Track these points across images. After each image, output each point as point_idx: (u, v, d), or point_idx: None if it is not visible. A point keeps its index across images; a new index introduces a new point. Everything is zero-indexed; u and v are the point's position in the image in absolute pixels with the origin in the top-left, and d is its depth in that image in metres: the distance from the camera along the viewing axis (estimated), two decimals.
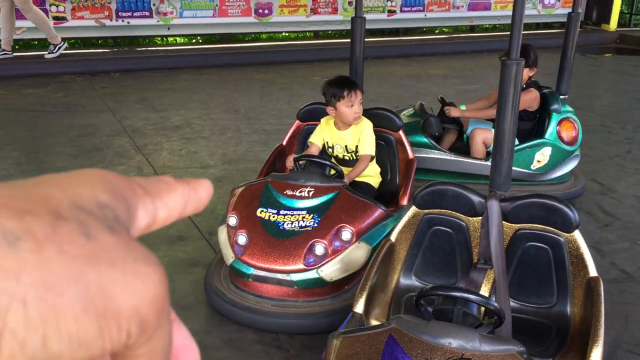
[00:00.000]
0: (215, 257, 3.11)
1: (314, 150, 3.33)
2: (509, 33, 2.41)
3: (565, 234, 2.30)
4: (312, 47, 9.37)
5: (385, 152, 3.52)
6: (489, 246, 2.31)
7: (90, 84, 7.27)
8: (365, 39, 3.66)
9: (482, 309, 2.08)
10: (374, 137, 3.30)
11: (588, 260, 2.28)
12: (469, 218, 2.45)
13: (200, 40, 9.59)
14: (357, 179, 3.27)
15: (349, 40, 3.66)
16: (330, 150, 3.36)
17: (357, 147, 3.29)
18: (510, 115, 2.41)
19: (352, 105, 3.18)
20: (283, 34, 10.02)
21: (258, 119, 5.98)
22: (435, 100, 6.77)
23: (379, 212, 2.91)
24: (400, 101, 6.64)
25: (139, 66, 8.12)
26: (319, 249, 2.70)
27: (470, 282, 2.36)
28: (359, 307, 2.16)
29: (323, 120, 3.37)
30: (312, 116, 3.60)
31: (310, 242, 2.70)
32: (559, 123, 4.27)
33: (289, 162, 3.26)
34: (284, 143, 3.66)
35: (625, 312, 2.91)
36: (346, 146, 3.31)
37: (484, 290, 2.41)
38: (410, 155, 3.47)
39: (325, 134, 3.34)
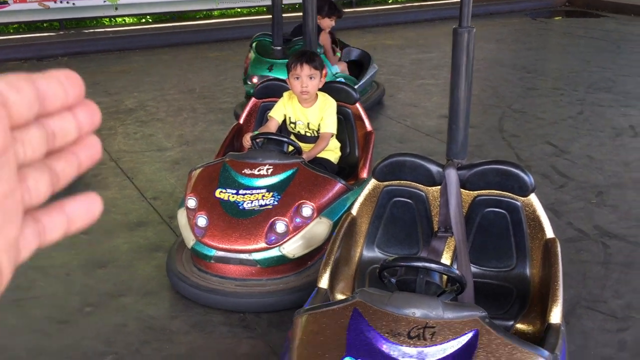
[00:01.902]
0: (177, 241, 3.07)
1: (272, 125, 3.27)
2: (459, 1, 2.40)
3: (522, 198, 2.34)
4: (266, 22, 9.22)
5: (344, 126, 3.50)
6: (449, 214, 2.34)
7: (37, 70, 6.97)
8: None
9: (444, 277, 2.11)
10: (335, 115, 3.28)
11: (545, 222, 2.32)
12: (428, 188, 2.46)
13: (150, 20, 9.33)
14: (317, 155, 3.25)
15: (301, 14, 3.61)
16: (292, 125, 3.32)
17: (319, 125, 3.27)
18: (464, 84, 2.42)
19: (297, 78, 3.14)
20: (236, 9, 9.83)
21: (214, 97, 5.88)
22: (392, 72, 6.78)
23: (338, 186, 2.92)
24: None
25: (88, 49, 7.86)
26: (280, 227, 2.69)
27: (432, 251, 2.39)
28: (324, 283, 2.16)
29: (286, 94, 3.31)
30: (268, 93, 3.55)
31: (271, 220, 2.69)
32: None
33: (246, 140, 3.22)
34: (241, 122, 3.61)
35: (583, 270, 3.00)
36: (308, 123, 3.28)
37: (446, 258, 2.44)
38: (369, 127, 3.46)
39: (287, 109, 3.29)
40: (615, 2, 10.59)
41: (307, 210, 2.75)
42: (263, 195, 2.77)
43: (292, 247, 2.71)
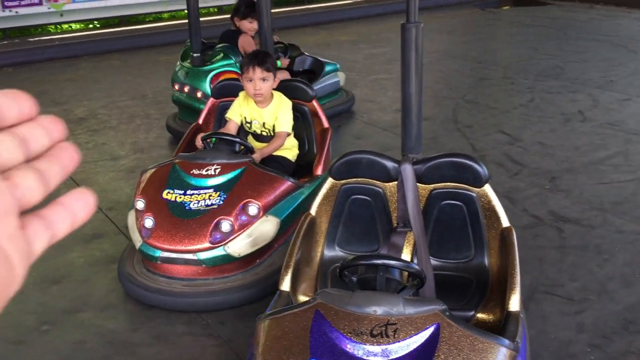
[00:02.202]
0: (129, 244, 3.05)
1: (231, 127, 3.26)
2: None
3: (477, 189, 2.37)
4: (216, 23, 9.13)
5: (301, 123, 3.51)
6: (407, 209, 2.35)
7: None
8: (272, 10, 3.62)
9: (405, 272, 2.12)
10: (291, 114, 3.28)
11: (500, 211, 2.36)
12: (385, 184, 2.47)
13: (98, 25, 9.13)
14: (274, 153, 3.25)
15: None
16: (248, 125, 3.31)
17: (274, 124, 3.26)
18: (415, 79, 2.43)
19: (250, 81, 3.13)
20: (185, 11, 9.69)
21: (167, 102, 5.77)
22: (347, 67, 6.80)
23: (287, 184, 2.94)
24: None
25: (34, 58, 7.63)
26: (225, 226, 2.71)
27: (392, 247, 2.40)
28: (285, 285, 2.15)
29: (241, 94, 3.30)
30: (226, 92, 3.54)
31: (215, 220, 2.71)
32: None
33: (198, 141, 3.22)
34: (200, 122, 3.60)
35: (540, 256, 3.06)
36: (264, 123, 3.27)
37: (406, 252, 2.46)
38: (325, 124, 3.47)
39: (243, 109, 3.28)
40: None
41: (253, 209, 2.76)
42: (210, 195, 2.78)
43: (238, 246, 2.72)
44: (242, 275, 2.80)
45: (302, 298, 2.27)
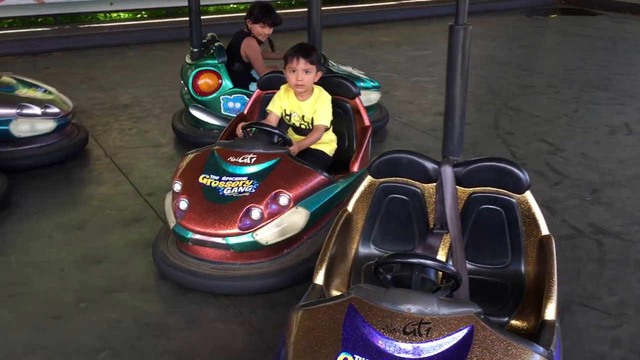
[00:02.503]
0: (165, 225, 3.13)
1: (272, 119, 3.32)
2: None
3: (517, 195, 2.35)
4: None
5: (342, 119, 3.53)
6: (444, 211, 2.34)
7: (32, 65, 6.99)
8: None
9: (440, 273, 2.12)
10: (330, 109, 3.30)
11: (540, 219, 2.33)
12: (423, 185, 2.46)
13: (146, 15, 9.30)
14: (312, 146, 3.29)
15: (300, 10, 3.62)
16: (287, 117, 3.36)
17: (313, 118, 3.29)
18: (460, 81, 2.41)
19: (293, 71, 3.17)
20: (231, 5, 9.80)
21: None
22: (388, 69, 6.78)
23: (319, 178, 2.99)
24: None
25: (83, 44, 7.83)
26: (255, 214, 2.78)
27: (427, 248, 2.39)
28: (319, 279, 2.16)
29: (283, 87, 3.35)
30: (271, 84, 3.59)
31: (246, 207, 2.78)
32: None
33: (238, 130, 3.28)
34: (245, 112, 3.68)
35: (577, 267, 3.01)
36: (303, 116, 3.31)
37: (441, 255, 2.45)
38: (366, 122, 3.49)
39: (283, 102, 3.33)
40: (611, 0, 10.61)
41: (283, 199, 2.82)
42: (244, 183, 2.85)
43: (266, 234, 2.78)
44: (269, 263, 2.85)
45: (335, 293, 2.28)
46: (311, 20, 3.53)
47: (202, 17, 4.98)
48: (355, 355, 1.69)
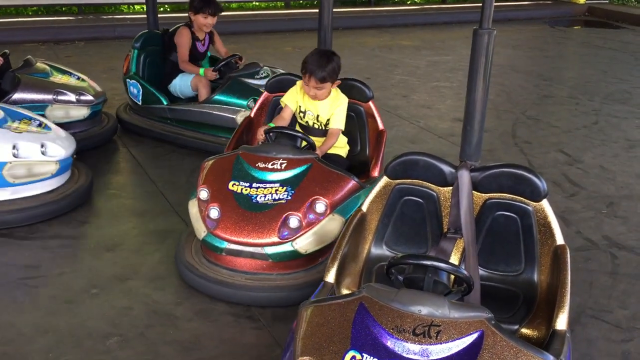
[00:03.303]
0: (185, 231, 3.06)
1: (287, 114, 3.24)
2: (480, 4, 2.39)
3: (534, 203, 2.33)
4: (283, 17, 9.23)
5: (355, 123, 3.47)
6: (459, 216, 2.33)
7: (54, 53, 7.06)
8: (337, 9, 3.61)
9: (452, 277, 2.11)
10: (345, 113, 3.25)
11: (555, 228, 2.31)
12: (439, 188, 2.46)
13: (169, 9, 9.36)
14: (328, 150, 3.24)
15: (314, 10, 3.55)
16: (301, 115, 3.29)
17: (328, 120, 3.24)
18: (481, 86, 2.40)
19: (307, 86, 3.12)
20: (253, 3, 9.84)
21: None
22: (407, 72, 6.77)
23: (352, 183, 2.90)
24: (372, 72, 6.62)
25: (105, 34, 7.90)
26: (294, 222, 2.68)
27: (441, 251, 2.38)
28: (330, 277, 2.16)
29: (299, 83, 3.26)
30: (280, 87, 3.50)
31: (284, 215, 2.68)
32: None
33: (260, 134, 3.16)
34: (252, 115, 3.57)
35: (590, 279, 2.99)
36: (318, 116, 3.26)
37: (454, 259, 2.44)
38: (381, 126, 3.42)
39: (299, 97, 3.26)
40: (635, 14, 10.51)
41: (320, 207, 2.73)
42: (277, 190, 2.75)
43: (305, 243, 2.69)
44: (304, 273, 2.75)
45: (345, 291, 2.28)
46: (322, 22, 3.41)
47: (224, 14, 5.01)
48: (363, 354, 1.69)
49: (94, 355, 2.37)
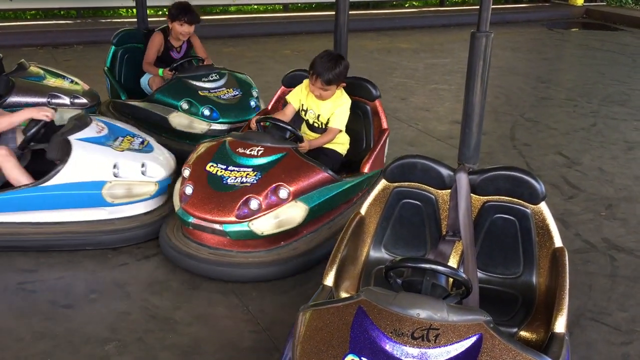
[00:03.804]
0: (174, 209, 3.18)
1: (289, 110, 3.39)
2: (478, 7, 2.40)
3: (532, 206, 2.33)
4: (281, 20, 9.24)
5: (361, 121, 3.57)
6: (458, 218, 2.33)
7: (52, 57, 7.06)
8: (331, 13, 3.64)
9: (450, 280, 2.11)
10: (347, 113, 3.34)
11: (554, 231, 2.31)
12: (437, 191, 2.46)
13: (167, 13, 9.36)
14: (325, 145, 3.35)
15: (318, 13, 3.62)
16: (303, 112, 3.41)
17: (329, 119, 3.32)
18: (480, 89, 2.41)
19: (313, 86, 3.25)
20: (252, 6, 9.85)
21: None
22: (406, 75, 6.77)
23: (322, 175, 3.03)
24: (371, 75, 6.59)
25: (103, 38, 7.81)
26: (254, 204, 2.84)
27: (439, 254, 2.38)
28: (329, 280, 2.16)
29: (306, 81, 3.39)
30: (296, 82, 3.65)
31: (245, 197, 2.84)
32: None
33: (252, 123, 3.34)
34: (269, 107, 3.74)
35: (589, 282, 2.98)
36: (319, 115, 3.35)
37: (453, 262, 2.44)
38: (384, 125, 3.53)
39: (302, 96, 3.39)
40: (633, 16, 10.53)
41: (283, 192, 2.88)
42: (247, 174, 2.93)
43: (262, 224, 2.84)
44: (265, 253, 2.92)
45: (344, 295, 2.28)
46: (338, 23, 3.54)
47: (223, 17, 5.01)
48: (362, 358, 1.69)
49: None
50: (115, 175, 3.06)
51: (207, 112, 4.02)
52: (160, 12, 9.27)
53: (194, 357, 2.40)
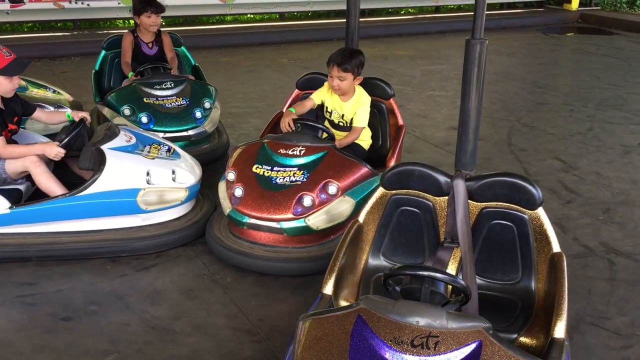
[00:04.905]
0: (216, 212, 3.38)
1: (309, 103, 3.54)
2: (473, 13, 2.42)
3: (529, 211, 2.34)
4: (277, 29, 9.28)
5: (377, 119, 3.71)
6: (456, 225, 2.34)
7: (49, 69, 7.08)
8: (332, 21, 3.74)
9: (449, 287, 2.11)
10: (368, 111, 3.51)
11: (551, 236, 2.32)
12: (435, 198, 2.46)
13: (164, 23, 9.38)
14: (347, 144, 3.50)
15: (314, 21, 3.70)
16: (328, 113, 3.57)
17: (352, 118, 3.49)
18: (475, 95, 2.42)
19: (331, 77, 3.39)
20: (248, 15, 9.89)
21: (224, 102, 5.89)
22: (402, 82, 6.79)
23: (364, 170, 3.18)
24: None
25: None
26: (307, 201, 2.98)
27: (437, 261, 2.38)
28: (328, 289, 2.16)
29: (327, 84, 3.53)
30: (310, 85, 3.83)
31: (299, 195, 2.98)
32: None
33: (284, 122, 3.37)
34: (284, 110, 3.85)
35: (588, 286, 2.99)
36: (343, 115, 3.52)
37: (451, 269, 2.44)
38: (400, 121, 3.68)
39: (326, 98, 3.54)
40: (627, 20, 10.58)
41: (332, 189, 3.03)
42: (294, 173, 3.07)
43: (316, 220, 2.98)
44: (318, 247, 3.05)
45: (343, 303, 2.28)
46: (349, 25, 3.67)
47: (220, 27, 5.08)
48: None
49: None
50: (148, 182, 3.15)
51: (144, 120, 4.10)
52: None
53: None
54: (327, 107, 3.56)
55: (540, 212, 2.33)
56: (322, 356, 1.75)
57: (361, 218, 2.51)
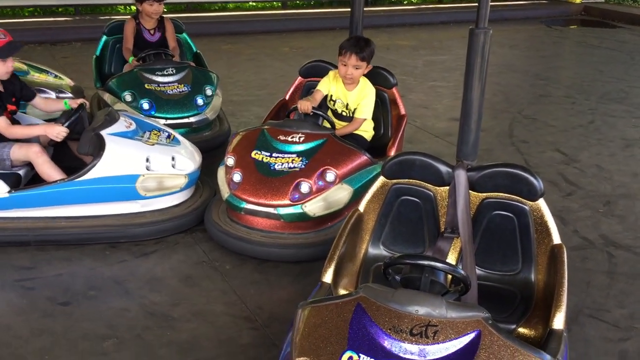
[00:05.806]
0: (215, 197, 3.36)
1: (318, 95, 3.51)
2: (476, 4, 2.40)
3: (530, 203, 2.33)
4: (280, 17, 9.23)
5: (380, 108, 3.68)
6: (456, 215, 2.34)
7: (50, 54, 7.05)
8: (334, 10, 3.72)
9: (449, 276, 2.11)
10: (373, 102, 3.49)
11: (552, 228, 2.32)
12: (436, 188, 2.46)
13: (166, 10, 9.33)
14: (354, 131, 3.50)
15: (316, 10, 3.68)
16: (331, 102, 3.55)
17: (355, 109, 3.48)
18: (478, 85, 2.41)
19: (345, 65, 3.36)
20: (250, 3, 9.84)
21: (225, 90, 5.85)
22: (404, 72, 6.77)
23: (363, 158, 3.17)
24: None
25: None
26: (304, 187, 2.98)
27: (437, 251, 2.38)
28: (328, 277, 2.16)
29: (332, 73, 3.55)
30: (313, 73, 3.81)
31: (296, 181, 2.99)
32: None
33: (304, 104, 3.32)
34: (287, 97, 3.86)
35: (587, 279, 2.99)
36: (347, 104, 3.50)
37: (451, 259, 2.44)
38: (402, 111, 3.66)
39: (331, 86, 3.52)
40: (631, 13, 10.53)
41: (330, 176, 3.03)
42: (293, 160, 3.07)
43: (313, 207, 2.98)
44: (315, 234, 3.04)
45: (343, 292, 2.28)
46: (353, 14, 3.66)
47: (222, 14, 5.07)
48: (360, 354, 1.69)
49: (89, 357, 2.36)
50: (147, 168, 3.14)
51: (146, 106, 4.08)
52: None
53: (192, 353, 2.40)
54: (331, 96, 3.54)
55: (541, 203, 2.33)
56: (320, 343, 1.75)
57: (361, 207, 2.50)
